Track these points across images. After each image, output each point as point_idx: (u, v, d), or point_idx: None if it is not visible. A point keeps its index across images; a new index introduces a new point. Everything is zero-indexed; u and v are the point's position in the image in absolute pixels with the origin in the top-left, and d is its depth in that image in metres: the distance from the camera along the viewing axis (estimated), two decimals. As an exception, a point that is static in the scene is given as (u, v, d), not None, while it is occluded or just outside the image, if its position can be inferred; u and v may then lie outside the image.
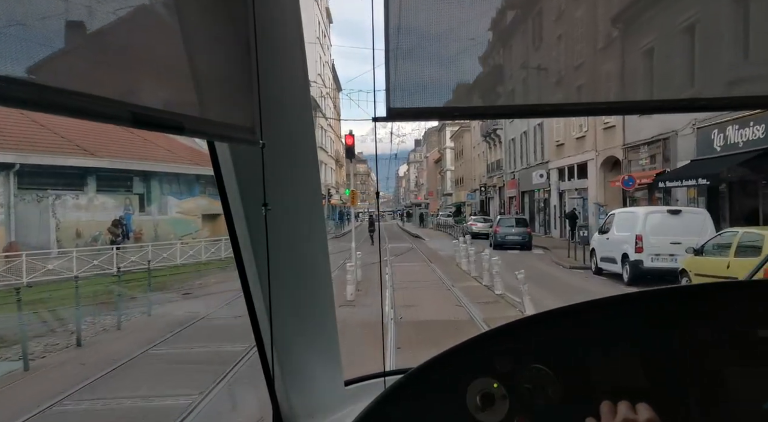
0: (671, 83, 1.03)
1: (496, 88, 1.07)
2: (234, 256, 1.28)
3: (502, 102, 1.08)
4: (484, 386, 1.07)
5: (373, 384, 1.43)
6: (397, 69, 0.94)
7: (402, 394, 1.09)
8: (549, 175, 32.09)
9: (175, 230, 22.77)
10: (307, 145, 1.28)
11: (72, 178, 18.52)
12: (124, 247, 19.15)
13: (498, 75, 1.05)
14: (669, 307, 1.15)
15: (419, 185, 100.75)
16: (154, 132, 0.99)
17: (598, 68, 1.00)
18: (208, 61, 0.92)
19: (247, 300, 1.29)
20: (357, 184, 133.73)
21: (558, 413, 1.06)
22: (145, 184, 21.76)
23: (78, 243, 18.47)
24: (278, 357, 1.31)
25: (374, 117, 0.98)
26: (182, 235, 23.02)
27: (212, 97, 0.93)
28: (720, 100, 1.06)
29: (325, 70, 53.72)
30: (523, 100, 1.07)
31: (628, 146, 22.33)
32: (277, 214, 1.16)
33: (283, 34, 1.16)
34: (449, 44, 0.97)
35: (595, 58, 1.00)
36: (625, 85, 1.03)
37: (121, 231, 19.56)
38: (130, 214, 20.77)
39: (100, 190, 19.59)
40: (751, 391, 1.05)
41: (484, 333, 1.20)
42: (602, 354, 1.10)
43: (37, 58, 0.61)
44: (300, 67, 1.21)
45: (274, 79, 1.12)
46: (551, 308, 1.16)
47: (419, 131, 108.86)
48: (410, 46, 0.95)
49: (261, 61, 1.03)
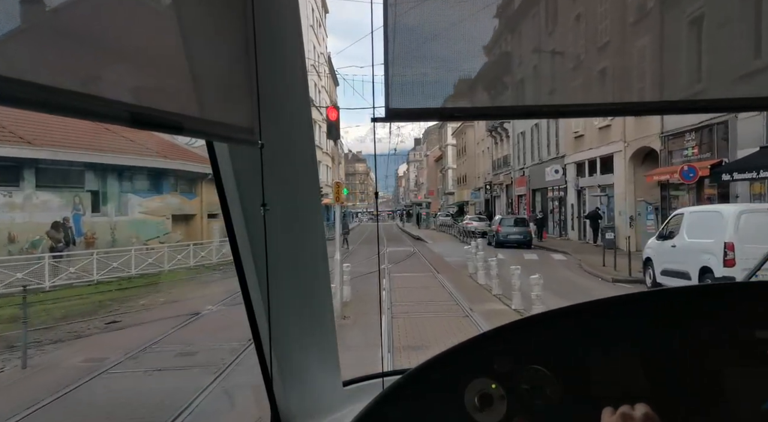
0: (669, 84, 1.02)
1: (494, 89, 1.07)
2: (232, 256, 1.27)
3: (501, 103, 1.09)
4: (482, 386, 1.08)
5: (371, 384, 1.46)
6: (395, 70, 0.95)
7: (400, 394, 1.10)
8: (565, 170, 28.99)
9: (139, 233, 19.54)
10: (306, 146, 1.29)
11: (4, 172, 15.29)
12: (69, 255, 15.84)
13: (497, 76, 1.05)
14: (668, 308, 1.16)
15: (419, 184, 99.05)
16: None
17: (599, 69, 1.00)
18: (207, 62, 0.93)
19: (246, 300, 1.30)
20: (356, 183, 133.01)
21: (556, 413, 1.06)
22: (100, 179, 18.48)
23: (11, 250, 15.23)
24: (277, 357, 1.31)
25: (373, 117, 1.00)
26: (148, 239, 19.80)
27: (211, 98, 0.94)
28: (720, 101, 1.04)
29: (320, 60, 50.75)
30: (522, 101, 1.09)
31: (668, 134, 19.12)
32: (275, 215, 1.17)
33: (282, 35, 1.16)
34: (448, 45, 0.98)
35: (595, 59, 1.00)
36: (625, 86, 1.04)
37: (63, 236, 16.21)
38: (80, 215, 17.45)
39: (40, 187, 16.29)
40: (750, 391, 1.06)
41: (483, 334, 1.20)
42: (601, 354, 1.11)
43: (35, 58, 0.61)
44: (299, 68, 1.22)
45: (273, 79, 1.13)
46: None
47: (419, 130, 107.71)
48: (409, 46, 0.96)
49: (260, 61, 1.04)
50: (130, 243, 18.87)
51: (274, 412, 1.36)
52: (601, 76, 1.00)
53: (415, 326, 9.16)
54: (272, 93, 1.11)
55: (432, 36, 0.95)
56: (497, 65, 1.03)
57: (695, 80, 0.97)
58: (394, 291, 12.02)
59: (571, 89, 1.03)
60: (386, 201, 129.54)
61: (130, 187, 19.72)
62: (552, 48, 1.03)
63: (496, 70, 1.03)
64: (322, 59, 52.37)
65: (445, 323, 9.48)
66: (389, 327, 8.65)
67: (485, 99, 1.05)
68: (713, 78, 0.97)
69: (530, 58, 1.04)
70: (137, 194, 19.93)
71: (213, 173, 1.19)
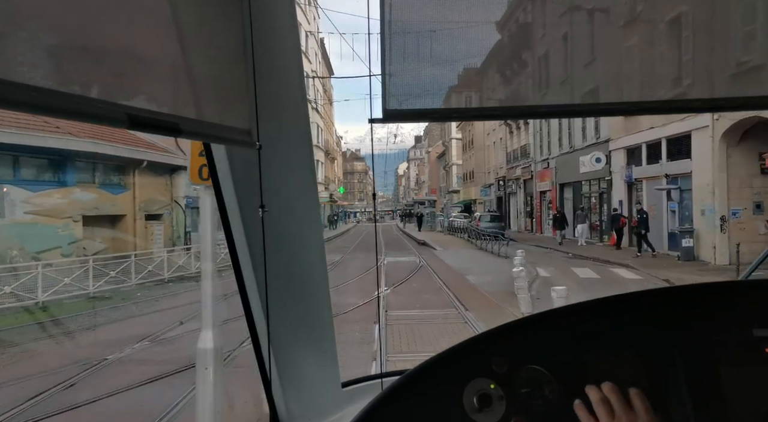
0: (662, 84, 1.01)
1: (493, 89, 1.06)
2: (230, 258, 1.26)
3: (499, 103, 1.09)
4: (481, 387, 1.08)
5: (370, 385, 1.45)
6: (393, 70, 0.95)
7: (399, 395, 1.09)
8: (609, 158, 22.92)
9: (24, 242, 13.48)
10: (304, 147, 1.29)
11: None
12: None
13: (495, 76, 1.05)
14: (666, 307, 1.16)
15: (420, 183, 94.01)
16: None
17: (598, 69, 1.00)
18: (204, 64, 0.93)
19: (244, 301, 1.29)
20: (354, 182, 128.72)
21: (555, 413, 1.06)
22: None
23: None
24: (275, 358, 1.31)
25: (370, 118, 0.99)
26: (39, 251, 13.74)
27: (209, 99, 0.94)
28: (717, 100, 1.04)
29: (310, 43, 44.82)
30: (520, 102, 1.10)
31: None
32: (273, 216, 1.17)
33: (279, 37, 1.16)
34: (446, 45, 0.97)
35: (596, 59, 1.00)
36: (624, 87, 1.03)
37: None
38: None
39: None
40: (749, 391, 1.06)
41: (481, 334, 1.19)
42: (599, 354, 1.11)
43: (32, 61, 0.61)
44: (296, 69, 1.22)
45: (271, 81, 1.14)
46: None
47: (419, 128, 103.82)
48: (406, 47, 0.95)
49: (257, 63, 1.05)
50: (8, 258, 12.85)
51: (273, 414, 1.36)
52: (601, 76, 1.00)
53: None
54: (270, 95, 1.13)
55: (429, 36, 0.95)
56: (495, 65, 1.03)
57: (703, 79, 0.96)
58: (392, 355, 6.07)
59: (569, 89, 1.03)
60: (386, 200, 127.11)
61: (11, 174, 13.63)
62: (551, 48, 1.02)
63: (494, 70, 1.03)
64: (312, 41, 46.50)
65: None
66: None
67: (482, 99, 1.06)
68: (715, 76, 0.96)
69: (528, 57, 1.04)
70: (22, 186, 13.81)
71: (210, 175, 1.18)
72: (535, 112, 1.08)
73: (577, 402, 0.97)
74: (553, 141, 30.90)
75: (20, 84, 0.58)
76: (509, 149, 39.81)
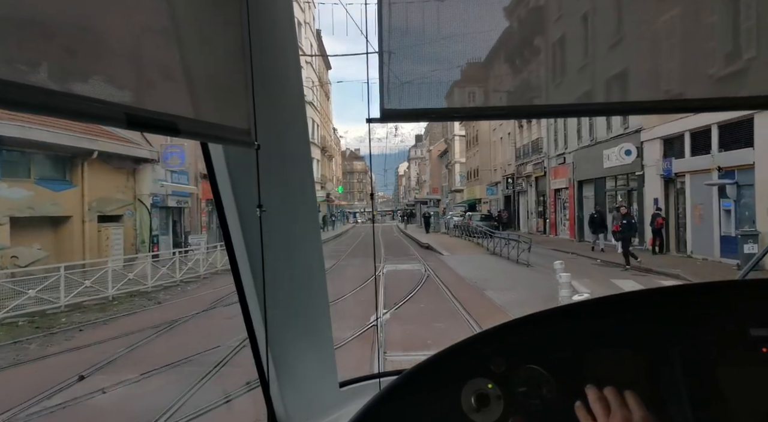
0: (661, 84, 1.02)
1: (492, 89, 1.06)
2: (228, 258, 1.25)
3: (498, 103, 1.09)
4: (479, 386, 1.08)
5: (368, 385, 1.45)
6: (390, 69, 0.95)
7: (397, 395, 1.09)
8: (642, 150, 20.04)
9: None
10: (302, 147, 1.30)
11: None
12: None
13: (494, 76, 1.04)
14: (665, 307, 1.16)
15: (421, 182, 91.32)
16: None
17: (598, 69, 1.00)
18: (203, 63, 0.93)
19: (242, 301, 1.29)
20: (353, 181, 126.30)
21: (553, 413, 1.05)
22: None
23: None
24: (273, 358, 1.31)
25: (368, 118, 0.99)
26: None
27: (207, 99, 0.94)
28: (715, 100, 1.04)
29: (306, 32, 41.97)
30: (519, 101, 1.08)
31: None
32: (271, 216, 1.16)
33: (278, 37, 1.17)
34: (444, 44, 0.97)
35: (596, 59, 1.00)
36: (624, 86, 1.04)
37: None
38: None
39: None
40: (748, 391, 1.05)
41: (479, 334, 1.18)
42: (598, 354, 1.10)
43: (32, 61, 0.61)
44: (294, 69, 1.23)
45: (269, 81, 1.15)
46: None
47: (420, 127, 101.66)
48: (404, 46, 0.95)
49: (255, 63, 1.05)
50: None
51: (271, 414, 1.36)
52: (600, 76, 1.00)
53: None
54: (268, 94, 1.13)
55: (428, 36, 0.95)
56: (494, 65, 1.02)
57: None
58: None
59: (568, 89, 1.03)
60: (386, 200, 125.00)
61: None
62: (550, 48, 1.01)
63: (493, 69, 1.02)
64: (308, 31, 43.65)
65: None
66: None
67: (481, 99, 1.05)
68: (715, 76, 0.97)
69: (528, 57, 1.04)
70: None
71: (208, 175, 1.18)
72: (534, 111, 1.11)
73: (577, 403, 0.96)
74: (570, 134, 28.02)
75: (20, 84, 0.59)
76: (519, 144, 36.93)
